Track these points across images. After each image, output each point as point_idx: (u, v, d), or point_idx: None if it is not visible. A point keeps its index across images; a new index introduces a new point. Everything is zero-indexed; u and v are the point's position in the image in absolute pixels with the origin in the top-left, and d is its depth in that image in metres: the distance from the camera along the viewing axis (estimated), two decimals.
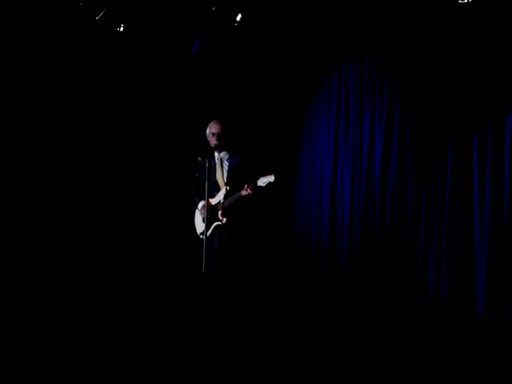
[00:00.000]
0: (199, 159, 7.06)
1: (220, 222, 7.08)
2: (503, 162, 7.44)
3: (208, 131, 7.23)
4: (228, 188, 7.06)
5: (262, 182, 6.81)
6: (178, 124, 9.05)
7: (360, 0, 7.99)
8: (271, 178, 6.78)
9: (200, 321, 6.92)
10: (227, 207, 7.05)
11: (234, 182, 7.09)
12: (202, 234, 7.16)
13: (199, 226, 7.26)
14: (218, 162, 7.21)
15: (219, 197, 7.11)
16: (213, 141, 7.17)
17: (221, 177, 7.17)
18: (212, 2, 8.20)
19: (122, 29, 8.48)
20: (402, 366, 5.81)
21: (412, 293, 7.93)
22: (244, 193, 6.90)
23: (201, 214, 7.17)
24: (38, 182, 8.58)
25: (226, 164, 7.20)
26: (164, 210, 9.03)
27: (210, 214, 7.03)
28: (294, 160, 9.01)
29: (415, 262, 7.98)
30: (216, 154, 7.22)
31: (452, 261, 7.70)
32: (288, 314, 7.93)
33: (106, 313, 7.87)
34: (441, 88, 7.85)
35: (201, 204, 7.20)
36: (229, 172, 7.17)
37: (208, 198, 7.00)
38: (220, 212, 7.08)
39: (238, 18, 8.23)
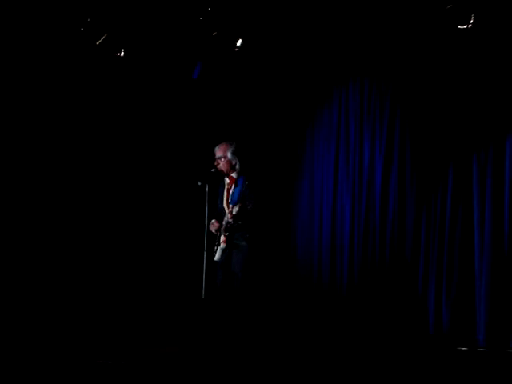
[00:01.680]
0: (199, 183, 7.03)
1: (222, 246, 7.05)
2: (503, 187, 7.46)
3: None
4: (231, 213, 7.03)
5: (235, 210, 6.78)
6: (180, 148, 9.06)
7: (361, 26, 8.01)
8: (236, 208, 6.74)
9: (204, 343, 6.92)
10: (226, 231, 7.02)
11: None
12: (214, 256, 7.17)
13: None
14: (226, 186, 7.17)
15: (224, 221, 7.07)
16: (215, 164, 7.14)
17: (226, 202, 7.14)
18: (212, 27, 8.22)
19: (122, 53, 8.49)
20: None
21: (412, 317, 7.90)
22: (226, 218, 6.87)
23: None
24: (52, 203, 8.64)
25: (231, 189, 7.16)
26: (172, 233, 9.04)
27: (218, 238, 7.02)
28: (295, 184, 9.01)
29: (415, 286, 7.97)
30: (226, 178, 7.18)
31: (452, 286, 7.69)
32: (288, 336, 7.92)
33: (108, 337, 7.85)
34: (441, 113, 7.87)
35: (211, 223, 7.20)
36: (231, 197, 7.11)
37: (218, 221, 7.00)
38: (221, 237, 7.05)
39: (239, 43, 8.26)
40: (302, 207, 8.95)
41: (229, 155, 7.12)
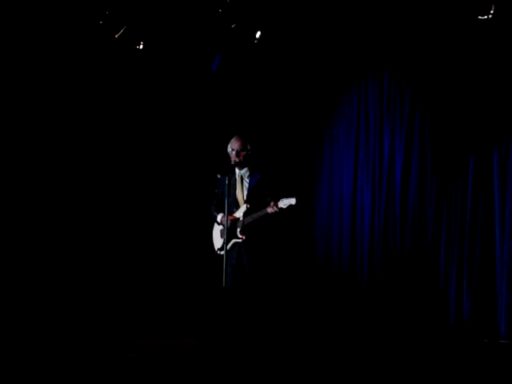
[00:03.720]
0: (218, 176, 7.04)
1: (238, 240, 7.06)
2: None
3: (229, 147, 7.20)
4: (248, 206, 7.03)
5: (283, 203, 6.73)
6: (199, 141, 9.08)
7: (381, 18, 7.98)
8: (293, 201, 6.70)
9: (219, 339, 6.92)
10: (247, 225, 7.02)
11: (253, 199, 7.05)
12: (219, 249, 7.16)
13: (217, 241, 7.25)
14: (238, 178, 7.16)
15: (238, 214, 7.06)
16: (232, 157, 7.15)
17: (240, 194, 7.13)
18: (231, 19, 8.21)
19: (141, 46, 8.50)
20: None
21: (433, 310, 7.88)
22: (270, 210, 6.80)
23: (221, 224, 7.15)
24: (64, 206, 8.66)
25: (246, 181, 7.16)
26: (182, 226, 9.05)
27: (229, 231, 6.98)
28: (314, 177, 9.02)
29: (436, 278, 7.93)
30: (237, 170, 7.18)
31: (473, 279, 7.64)
32: (308, 331, 7.94)
33: (123, 329, 7.90)
34: (461, 105, 7.81)
35: (219, 216, 7.20)
36: (249, 189, 7.12)
37: (228, 214, 6.95)
38: (239, 230, 7.05)
39: (258, 35, 8.25)
40: (321, 199, 8.95)
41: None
